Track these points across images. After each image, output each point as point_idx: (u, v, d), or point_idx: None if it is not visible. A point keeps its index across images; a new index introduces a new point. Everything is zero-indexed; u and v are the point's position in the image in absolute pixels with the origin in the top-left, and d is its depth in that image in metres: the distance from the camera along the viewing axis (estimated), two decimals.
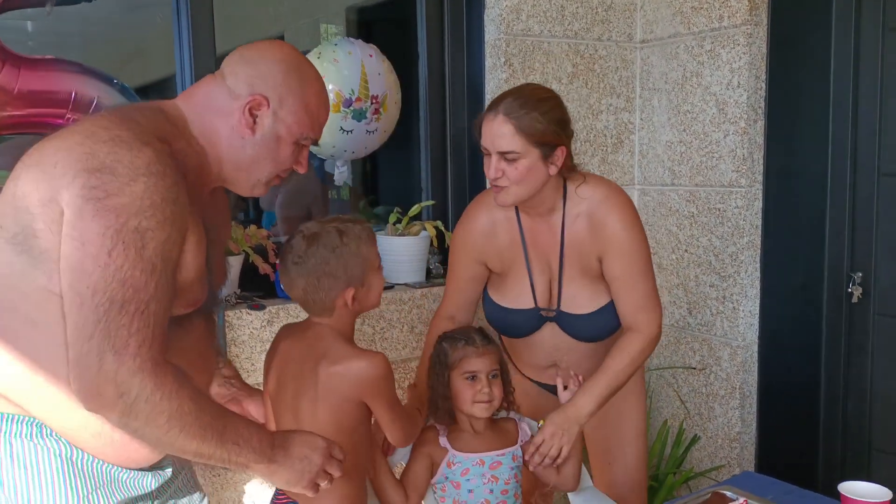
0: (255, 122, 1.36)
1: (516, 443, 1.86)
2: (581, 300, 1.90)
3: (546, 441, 1.76)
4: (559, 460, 1.77)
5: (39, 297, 1.22)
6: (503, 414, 1.89)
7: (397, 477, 1.83)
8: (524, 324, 1.98)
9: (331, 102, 2.28)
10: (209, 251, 1.37)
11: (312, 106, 1.40)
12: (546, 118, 1.74)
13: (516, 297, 1.96)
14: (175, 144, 1.29)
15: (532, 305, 1.94)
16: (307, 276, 1.59)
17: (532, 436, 1.82)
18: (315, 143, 1.47)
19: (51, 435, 1.28)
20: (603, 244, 1.83)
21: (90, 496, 1.30)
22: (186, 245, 1.26)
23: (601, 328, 1.90)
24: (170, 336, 1.27)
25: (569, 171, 1.84)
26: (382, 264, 1.74)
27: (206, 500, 1.59)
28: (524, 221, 1.93)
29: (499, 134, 1.74)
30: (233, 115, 1.35)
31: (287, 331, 1.73)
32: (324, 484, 1.42)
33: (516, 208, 1.91)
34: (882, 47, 2.47)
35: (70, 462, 1.29)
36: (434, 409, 1.83)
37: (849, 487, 1.46)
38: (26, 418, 1.27)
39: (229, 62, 1.40)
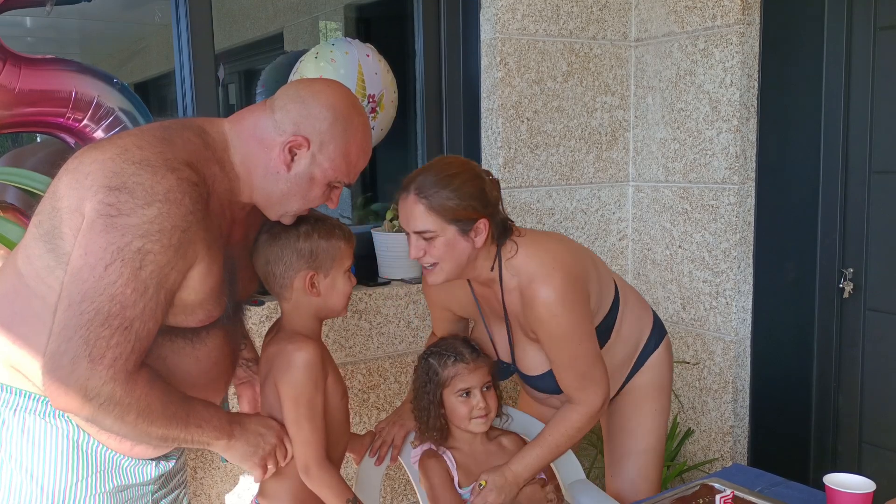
0: (292, 160, 1.39)
1: None
2: (532, 362, 1.90)
3: (490, 502, 1.77)
4: None
5: (58, 287, 1.27)
6: (497, 422, 1.89)
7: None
8: (498, 372, 1.99)
9: None
10: (235, 267, 1.43)
11: (352, 155, 1.44)
12: (458, 194, 1.68)
13: (483, 348, 1.97)
14: (206, 170, 1.34)
15: (495, 358, 1.96)
16: (275, 248, 1.58)
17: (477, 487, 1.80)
18: (348, 186, 1.51)
19: (62, 416, 1.34)
20: (534, 324, 1.79)
21: (89, 478, 1.36)
22: (194, 270, 1.31)
23: (555, 387, 1.87)
24: (183, 346, 1.36)
25: (501, 237, 1.78)
26: (380, 260, 1.75)
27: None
28: (475, 287, 1.92)
29: (412, 214, 1.70)
30: (273, 149, 1.39)
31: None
32: (271, 466, 1.52)
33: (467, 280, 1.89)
34: (873, 46, 2.50)
35: (76, 444, 1.35)
36: (425, 429, 1.83)
37: (834, 479, 1.49)
38: (41, 397, 1.33)
39: (283, 95, 1.43)
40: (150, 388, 1.26)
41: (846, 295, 2.61)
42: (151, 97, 5.59)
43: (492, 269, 1.80)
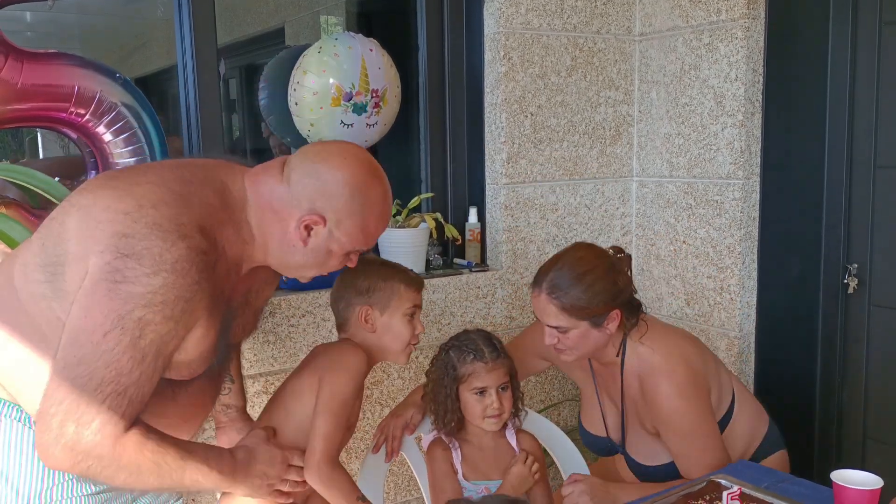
0: (308, 235, 1.37)
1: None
2: (644, 451, 1.89)
3: (574, 495, 1.76)
4: None
5: (52, 318, 1.26)
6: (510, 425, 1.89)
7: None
8: (599, 448, 2.03)
9: (331, 97, 2.32)
10: (231, 320, 1.41)
11: (371, 227, 1.41)
12: (589, 293, 1.74)
13: (591, 421, 2.02)
14: (219, 234, 1.30)
15: (604, 434, 1.98)
16: (339, 287, 1.71)
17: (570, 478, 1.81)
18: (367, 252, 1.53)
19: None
20: (656, 420, 1.81)
21: (66, 483, 1.34)
22: (191, 335, 1.29)
23: (663, 478, 1.85)
24: (164, 393, 1.33)
25: (629, 326, 1.83)
26: (383, 255, 1.76)
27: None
28: (594, 365, 1.97)
29: (545, 312, 1.78)
30: (289, 223, 1.36)
31: None
32: (286, 488, 1.53)
33: None
34: (879, 40, 2.48)
35: None
36: (441, 421, 1.83)
37: (841, 475, 1.48)
38: (15, 405, 1.32)
39: (297, 166, 1.38)
40: (139, 451, 1.25)
41: (851, 290, 2.61)
42: (153, 92, 5.58)
43: (617, 354, 1.86)
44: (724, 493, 1.46)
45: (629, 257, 1.89)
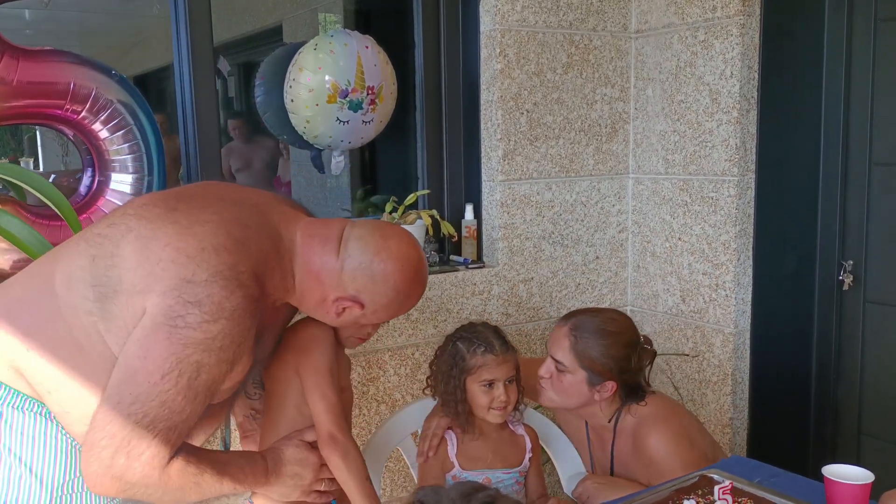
0: (343, 311, 1.45)
1: (523, 460, 1.88)
2: None
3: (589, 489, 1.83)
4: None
5: (92, 333, 1.30)
6: (514, 420, 1.90)
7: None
8: None
9: (327, 94, 2.33)
10: (260, 352, 1.45)
11: (403, 309, 1.51)
12: (604, 351, 1.82)
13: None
14: (269, 282, 1.36)
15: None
16: None
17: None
18: None
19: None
20: (646, 464, 1.81)
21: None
22: (236, 368, 1.33)
23: None
24: None
25: (627, 399, 1.88)
26: None
27: None
28: (590, 422, 2.00)
29: (558, 343, 1.86)
30: (329, 295, 1.43)
31: None
32: (323, 487, 1.55)
33: None
34: (874, 37, 2.49)
35: (73, 443, 1.36)
36: (450, 409, 1.83)
37: (832, 470, 1.49)
38: (38, 402, 1.35)
39: (356, 253, 1.41)
40: (182, 475, 1.29)
41: (846, 287, 2.61)
42: (151, 90, 5.59)
43: (609, 420, 1.90)
44: (716, 488, 1.47)
45: (654, 353, 1.92)
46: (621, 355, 1.83)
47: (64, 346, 1.32)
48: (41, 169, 5.56)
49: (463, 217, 2.72)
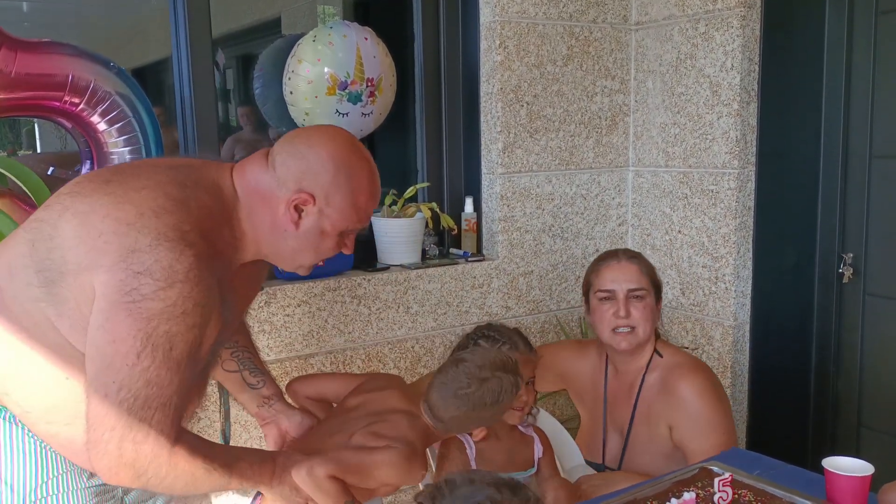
0: (300, 217, 1.35)
1: (534, 463, 1.87)
2: (647, 469, 1.90)
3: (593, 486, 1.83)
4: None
5: (41, 320, 1.26)
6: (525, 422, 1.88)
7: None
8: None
9: (326, 86, 2.32)
10: (227, 313, 1.40)
11: (361, 202, 1.39)
12: (653, 270, 2.01)
13: (589, 448, 2.05)
14: (218, 238, 1.31)
15: (600, 461, 2.02)
16: None
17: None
18: (362, 231, 1.49)
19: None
20: (674, 408, 1.86)
21: (61, 476, 1.35)
22: (208, 331, 1.30)
23: None
24: None
25: (657, 335, 2.00)
26: (379, 245, 1.71)
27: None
28: (610, 380, 2.03)
29: (628, 275, 1.94)
30: (278, 207, 1.35)
31: None
32: None
33: (606, 369, 2.03)
34: (875, 30, 2.48)
35: (43, 446, 1.34)
36: None
37: (833, 462, 1.49)
38: (3, 407, 1.33)
39: (281, 150, 1.38)
40: (192, 459, 1.27)
41: (846, 280, 2.61)
42: (149, 82, 5.57)
43: (648, 362, 1.96)
44: (716, 480, 1.47)
45: None
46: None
47: (12, 343, 1.28)
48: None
49: (463, 210, 2.71)
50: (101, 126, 2.13)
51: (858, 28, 2.52)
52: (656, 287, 1.99)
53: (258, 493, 1.75)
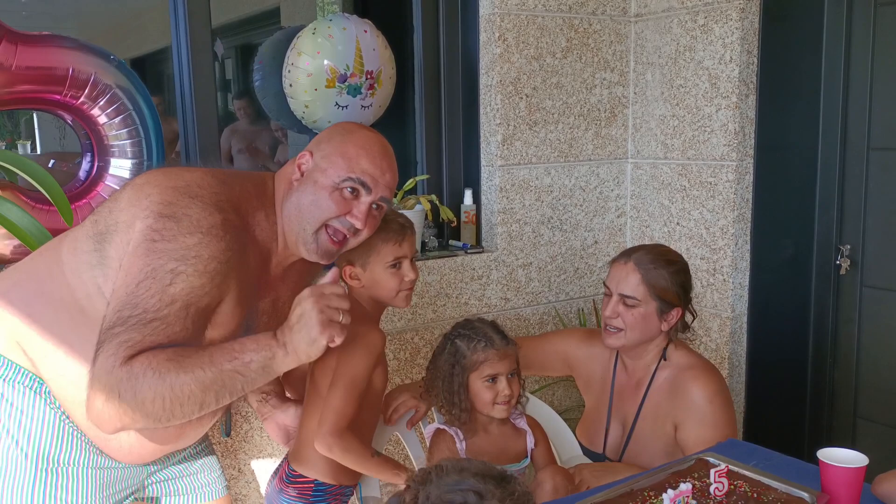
0: (301, 170, 1.49)
1: (527, 454, 1.88)
2: (641, 463, 1.91)
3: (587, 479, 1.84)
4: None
5: (93, 290, 1.36)
6: (515, 413, 1.89)
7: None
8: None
9: (325, 78, 2.32)
10: (255, 320, 1.47)
11: (350, 153, 1.47)
12: (672, 279, 1.89)
13: (590, 436, 2.06)
14: (252, 218, 1.45)
15: (601, 451, 2.03)
16: None
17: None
18: (386, 201, 1.52)
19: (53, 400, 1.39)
20: (682, 407, 1.87)
21: (74, 451, 1.41)
22: (224, 305, 1.36)
23: None
24: None
25: (676, 333, 1.94)
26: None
27: (218, 466, 1.72)
28: (619, 373, 2.03)
29: (626, 280, 1.89)
30: (292, 174, 1.49)
31: None
32: (341, 318, 1.33)
33: (615, 361, 2.02)
34: (874, 22, 2.48)
35: (63, 421, 1.40)
36: (450, 410, 1.82)
37: (827, 453, 1.50)
38: (36, 377, 1.38)
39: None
40: (150, 357, 1.23)
41: (843, 271, 2.63)
42: (148, 73, 5.56)
43: (657, 361, 1.94)
44: (712, 471, 1.48)
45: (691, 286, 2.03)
46: (685, 280, 1.93)
47: (65, 309, 1.36)
48: (38, 152, 5.55)
49: (462, 202, 2.72)
50: (102, 119, 2.14)
51: (857, 20, 2.52)
52: (664, 299, 1.87)
53: (284, 459, 1.80)
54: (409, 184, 2.55)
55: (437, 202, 2.57)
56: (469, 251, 2.66)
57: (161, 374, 1.22)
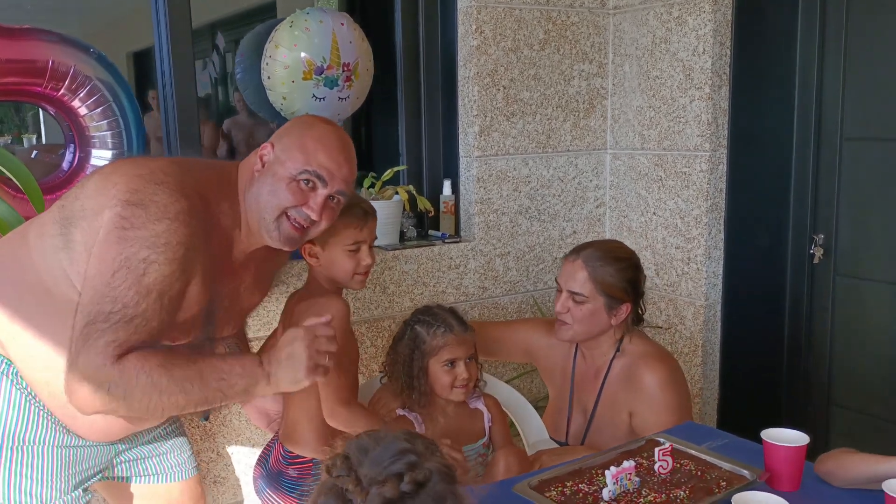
0: (262, 161, 1.54)
1: (484, 433, 1.94)
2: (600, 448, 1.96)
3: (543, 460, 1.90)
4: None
5: (59, 274, 1.40)
6: (472, 395, 1.95)
7: None
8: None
9: (302, 70, 2.37)
10: (216, 306, 1.51)
11: (309, 146, 1.53)
12: (619, 276, 1.94)
13: (553, 426, 2.12)
14: (216, 206, 1.49)
15: (564, 440, 2.08)
16: None
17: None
18: (342, 194, 1.58)
19: (17, 374, 1.44)
20: (636, 394, 1.92)
21: (41, 429, 1.46)
22: (189, 288, 1.41)
23: None
24: None
25: (629, 328, 1.99)
26: None
27: (188, 447, 1.77)
28: (578, 363, 2.08)
29: (574, 276, 1.94)
30: (254, 164, 1.55)
31: None
32: (326, 362, 1.43)
33: (575, 352, 2.08)
34: (846, 13, 2.50)
35: (29, 399, 1.45)
36: (410, 394, 1.87)
37: (771, 434, 1.55)
38: (3, 358, 1.43)
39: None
40: (142, 361, 1.33)
41: (816, 260, 2.66)
42: (153, 66, 5.61)
43: (611, 347, 2.00)
44: (656, 450, 1.53)
45: (645, 277, 2.05)
46: (633, 277, 1.97)
47: (32, 292, 1.41)
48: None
49: (442, 192, 2.77)
50: (83, 110, 2.20)
51: (831, 11, 2.54)
52: (611, 295, 1.92)
53: (271, 444, 1.86)
54: (388, 174, 2.60)
55: (415, 192, 2.62)
56: (447, 241, 2.70)
57: (153, 380, 1.33)
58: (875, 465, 1.39)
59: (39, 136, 5.96)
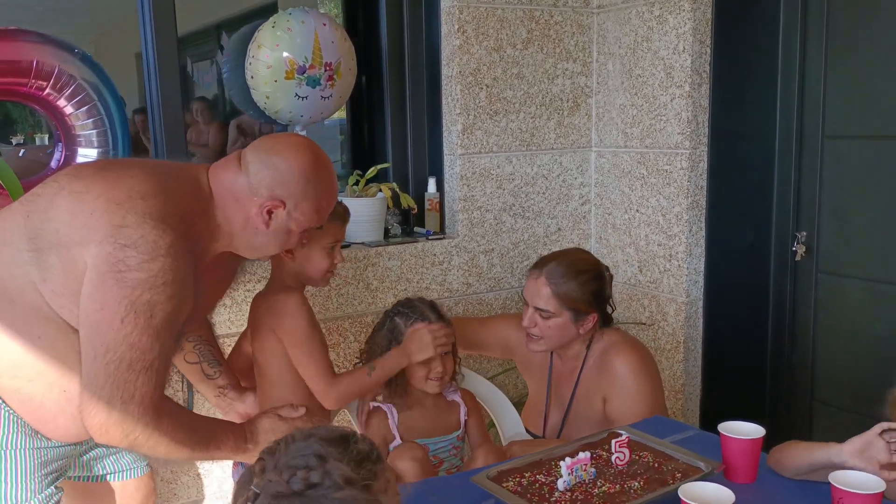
0: (270, 219, 1.54)
1: (460, 426, 1.97)
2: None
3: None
4: None
5: (24, 284, 1.41)
6: (449, 388, 1.99)
7: None
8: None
9: (284, 70, 2.41)
10: (199, 296, 1.55)
11: (324, 206, 1.61)
12: (582, 289, 1.96)
13: (531, 419, 2.16)
14: (195, 226, 1.49)
15: (541, 433, 2.12)
16: None
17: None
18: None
19: None
20: (609, 381, 1.97)
21: (10, 434, 1.48)
22: (185, 308, 1.46)
23: None
24: None
25: (598, 330, 2.03)
26: None
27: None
28: (555, 361, 2.12)
29: (538, 294, 1.97)
30: (251, 209, 1.53)
31: None
32: None
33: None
34: (828, 11, 2.51)
35: (3, 403, 1.47)
36: (386, 385, 1.91)
37: (729, 427, 1.57)
38: None
39: (254, 159, 1.54)
40: (175, 421, 1.44)
41: (798, 258, 2.67)
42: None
43: (584, 345, 2.04)
44: (613, 441, 1.55)
45: (612, 277, 2.08)
46: (597, 288, 2.00)
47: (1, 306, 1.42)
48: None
49: (426, 190, 2.80)
50: (68, 110, 2.25)
51: (812, 9, 2.55)
52: (576, 309, 1.96)
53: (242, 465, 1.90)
54: (371, 172, 2.63)
55: (398, 190, 2.65)
56: (430, 237, 2.73)
57: (176, 442, 1.44)
58: (812, 453, 1.41)
59: (51, 137, 6.05)
